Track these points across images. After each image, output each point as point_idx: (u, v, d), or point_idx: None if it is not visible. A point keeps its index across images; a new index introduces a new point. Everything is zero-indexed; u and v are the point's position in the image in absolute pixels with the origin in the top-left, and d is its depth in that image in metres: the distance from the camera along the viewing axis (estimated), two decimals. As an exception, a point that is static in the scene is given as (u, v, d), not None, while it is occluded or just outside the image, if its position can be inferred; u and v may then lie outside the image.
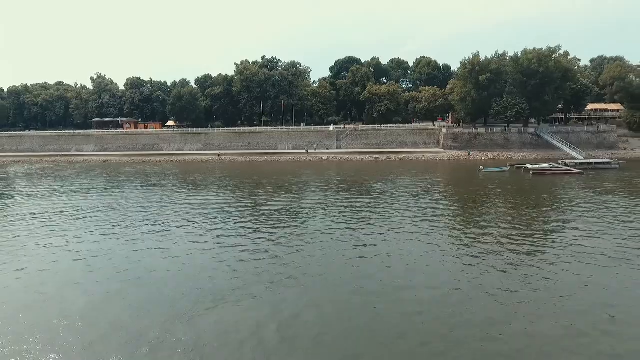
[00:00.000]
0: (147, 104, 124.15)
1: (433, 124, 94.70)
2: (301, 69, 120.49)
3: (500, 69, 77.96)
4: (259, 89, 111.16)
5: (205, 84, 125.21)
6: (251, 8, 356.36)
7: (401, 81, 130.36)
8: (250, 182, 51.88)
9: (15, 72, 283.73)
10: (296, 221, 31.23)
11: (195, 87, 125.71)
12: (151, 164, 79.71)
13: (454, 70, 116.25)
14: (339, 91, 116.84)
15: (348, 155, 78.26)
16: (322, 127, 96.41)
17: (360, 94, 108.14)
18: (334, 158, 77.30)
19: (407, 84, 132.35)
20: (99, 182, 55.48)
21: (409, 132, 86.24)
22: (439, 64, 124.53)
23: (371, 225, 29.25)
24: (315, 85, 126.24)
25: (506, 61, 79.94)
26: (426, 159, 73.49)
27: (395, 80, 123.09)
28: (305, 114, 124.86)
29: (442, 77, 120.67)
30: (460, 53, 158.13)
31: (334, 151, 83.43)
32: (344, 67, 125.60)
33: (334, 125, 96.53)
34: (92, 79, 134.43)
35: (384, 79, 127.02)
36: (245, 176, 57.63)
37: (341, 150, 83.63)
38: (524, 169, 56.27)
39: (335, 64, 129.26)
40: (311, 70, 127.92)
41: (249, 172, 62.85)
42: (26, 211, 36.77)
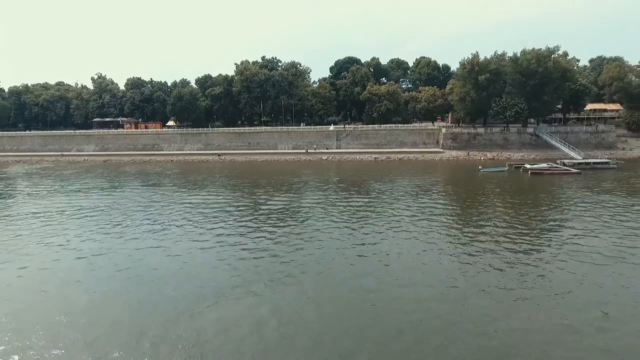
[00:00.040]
0: (148, 104, 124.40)
1: (432, 124, 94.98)
2: (301, 69, 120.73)
3: (499, 69, 78.16)
4: (259, 89, 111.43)
5: (206, 84, 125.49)
6: (251, 8, 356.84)
7: (401, 81, 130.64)
8: (250, 181, 52.14)
9: (16, 72, 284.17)
10: (296, 220, 31.50)
11: (196, 87, 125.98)
12: (151, 163, 79.98)
13: (453, 70, 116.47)
14: (339, 91, 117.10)
15: (348, 155, 78.51)
16: (322, 127, 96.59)
17: (360, 94, 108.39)
18: (333, 158, 77.54)
19: (406, 84, 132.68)
20: (99, 181, 55.75)
21: (409, 132, 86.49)
22: (438, 64, 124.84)
23: (370, 224, 29.52)
24: (315, 85, 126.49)
25: (505, 61, 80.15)
26: (425, 158, 73.76)
27: (395, 81, 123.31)
28: (305, 114, 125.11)
29: (441, 77, 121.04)
30: (460, 53, 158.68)
31: (334, 151, 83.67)
32: (343, 67, 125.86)
33: (333, 125, 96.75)
34: (92, 79, 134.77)
35: (383, 79, 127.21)
36: (245, 176, 57.89)
37: (341, 150, 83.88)
38: (522, 168, 56.55)
39: (335, 64, 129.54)
40: (311, 71, 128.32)
41: (249, 171, 63.12)
42: (27, 210, 37.05)
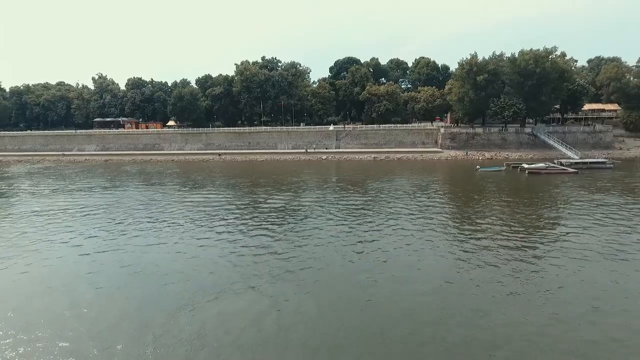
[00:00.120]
0: (148, 104, 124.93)
1: (431, 124, 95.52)
2: (301, 69, 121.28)
3: (497, 69, 78.72)
4: (259, 89, 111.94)
5: (206, 84, 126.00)
6: (251, 8, 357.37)
7: (400, 81, 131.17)
8: (250, 181, 52.64)
9: (16, 72, 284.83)
10: (295, 218, 32.00)
11: (196, 87, 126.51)
12: (152, 163, 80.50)
13: (452, 70, 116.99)
14: (338, 91, 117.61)
15: (347, 155, 79.03)
16: (322, 127, 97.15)
17: (359, 94, 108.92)
18: (333, 158, 78.04)
19: (406, 84, 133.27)
20: (101, 181, 56.28)
21: (408, 132, 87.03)
22: (437, 65, 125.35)
23: (368, 223, 30.03)
24: (315, 85, 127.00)
25: (503, 62, 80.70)
26: (424, 158, 74.27)
27: (394, 81, 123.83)
28: (305, 114, 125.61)
29: (440, 77, 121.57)
30: (460, 53, 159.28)
31: (333, 151, 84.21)
32: (343, 67, 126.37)
33: (333, 125, 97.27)
34: (93, 79, 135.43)
35: (383, 79, 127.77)
36: (245, 175, 58.38)
37: (340, 150, 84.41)
38: (519, 168, 57.05)
39: (334, 64, 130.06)
40: (311, 71, 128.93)
41: (249, 171, 63.61)
42: (30, 209, 37.55)
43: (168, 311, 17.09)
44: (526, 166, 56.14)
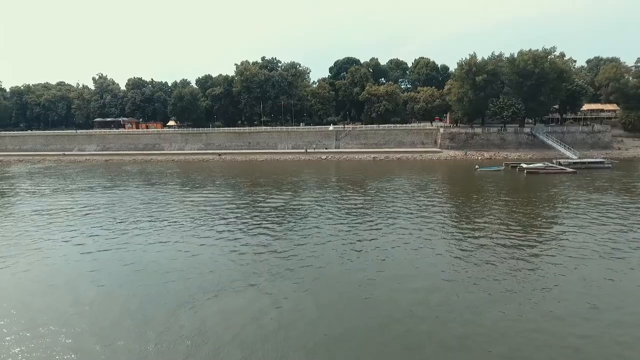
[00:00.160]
0: (148, 104, 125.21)
1: (431, 124, 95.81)
2: (301, 69, 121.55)
3: (496, 69, 78.99)
4: (259, 89, 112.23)
5: (206, 84, 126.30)
6: (251, 8, 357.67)
7: (400, 82, 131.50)
8: (250, 181, 52.89)
9: (16, 72, 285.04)
10: (295, 217, 32.27)
11: (196, 87, 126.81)
12: (152, 163, 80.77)
13: (452, 70, 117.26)
14: (338, 91, 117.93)
15: (347, 155, 79.31)
16: (321, 127, 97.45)
17: (359, 94, 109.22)
18: (332, 157, 78.31)
19: (405, 84, 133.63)
20: (101, 180, 56.53)
21: (407, 132, 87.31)
22: (437, 65, 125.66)
23: (367, 222, 30.28)
24: (315, 85, 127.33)
25: (502, 62, 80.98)
26: (423, 158, 74.54)
27: (394, 81, 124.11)
28: (305, 114, 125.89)
29: (440, 77, 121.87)
30: (460, 53, 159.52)
31: (333, 151, 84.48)
32: (343, 67, 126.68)
33: (333, 125, 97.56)
34: (93, 79, 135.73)
35: (382, 79, 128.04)
36: (246, 175, 58.64)
37: (340, 150, 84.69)
38: (518, 168, 57.33)
39: (334, 64, 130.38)
40: (310, 71, 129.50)
41: (249, 171, 63.87)
42: (32, 208, 37.80)
43: (169, 308, 17.32)
44: (525, 166, 56.42)
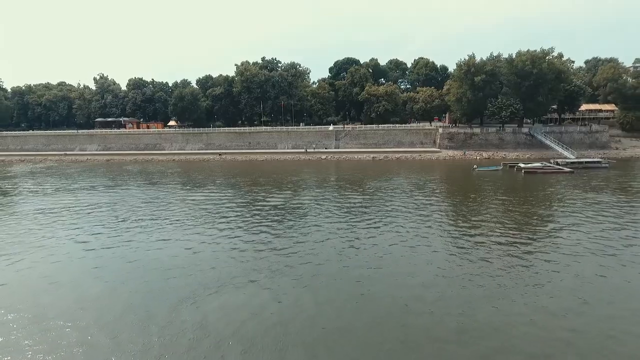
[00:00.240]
0: (149, 104, 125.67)
1: (430, 124, 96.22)
2: (300, 69, 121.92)
3: (495, 70, 79.42)
4: (259, 89, 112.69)
5: (206, 84, 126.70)
6: (251, 8, 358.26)
7: (399, 82, 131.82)
8: (251, 180, 53.36)
9: (17, 72, 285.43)
10: (294, 216, 32.75)
11: (197, 87, 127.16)
12: (153, 163, 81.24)
13: (451, 71, 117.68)
14: (338, 92, 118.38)
15: (346, 155, 79.75)
16: (321, 127, 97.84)
17: (358, 94, 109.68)
18: (332, 157, 78.76)
19: (405, 84, 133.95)
20: (103, 180, 57.03)
21: (406, 132, 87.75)
22: (436, 65, 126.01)
23: (366, 220, 30.75)
24: (315, 85, 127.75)
25: (501, 63, 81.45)
26: (422, 158, 75.00)
27: (394, 81, 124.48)
28: (305, 114, 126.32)
29: (439, 77, 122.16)
30: (460, 53, 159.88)
31: (333, 151, 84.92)
32: (342, 67, 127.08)
33: (332, 125, 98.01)
34: (94, 79, 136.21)
35: (382, 79, 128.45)
36: (246, 175, 59.10)
37: (339, 150, 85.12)
38: (516, 167, 57.77)
39: (334, 64, 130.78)
40: (310, 71, 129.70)
41: (250, 170, 64.35)
42: (35, 207, 38.28)
43: (171, 304, 17.78)
44: (522, 166, 56.87)
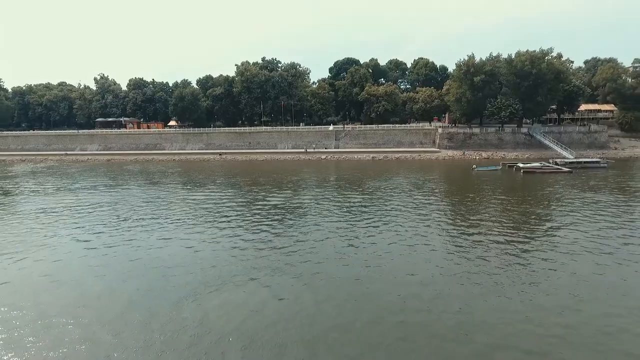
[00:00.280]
0: (150, 104, 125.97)
1: (430, 124, 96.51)
2: (300, 70, 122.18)
3: (494, 70, 79.73)
4: (259, 89, 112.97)
5: (207, 84, 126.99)
6: (251, 8, 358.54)
7: (399, 82, 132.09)
8: (251, 180, 53.61)
9: (18, 73, 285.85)
10: (294, 215, 32.99)
11: (197, 87, 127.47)
12: (154, 162, 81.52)
13: (450, 71, 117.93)
14: (338, 92, 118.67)
15: (346, 155, 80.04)
16: (321, 127, 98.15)
17: (358, 94, 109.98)
18: (332, 157, 79.03)
19: (404, 84, 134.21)
20: (104, 179, 57.31)
21: (406, 132, 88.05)
22: (436, 65, 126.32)
23: (366, 219, 30.99)
24: (315, 86, 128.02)
25: (500, 63, 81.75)
26: (422, 158, 75.27)
27: (393, 81, 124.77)
28: (305, 114, 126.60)
29: (439, 78, 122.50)
30: (460, 53, 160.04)
31: (333, 150, 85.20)
32: (342, 68, 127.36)
33: (332, 125, 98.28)
34: (95, 79, 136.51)
35: (382, 79, 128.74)
36: (246, 174, 59.35)
37: (339, 150, 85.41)
38: (515, 167, 58.05)
39: (334, 64, 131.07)
40: (310, 71, 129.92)
41: (250, 170, 64.60)
42: (37, 206, 38.52)
43: (172, 302, 18.00)
44: (521, 165, 57.15)
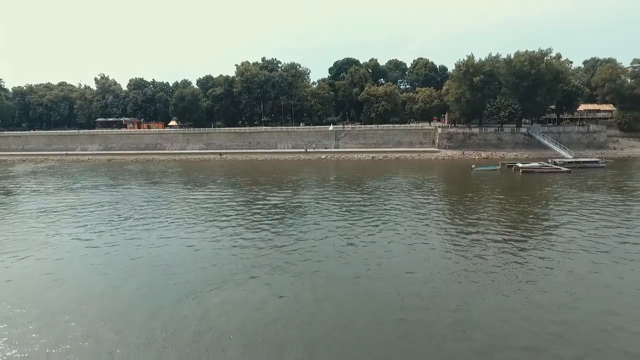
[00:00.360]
0: (150, 104, 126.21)
1: (429, 124, 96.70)
2: (300, 70, 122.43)
3: (493, 70, 79.98)
4: (259, 89, 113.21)
5: (207, 84, 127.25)
6: (251, 8, 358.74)
7: (399, 82, 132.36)
8: (251, 179, 53.82)
9: (18, 73, 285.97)
10: (294, 214, 33.21)
11: (197, 87, 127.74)
12: (154, 162, 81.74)
13: (450, 71, 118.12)
14: (338, 92, 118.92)
15: (346, 155, 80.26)
16: (321, 127, 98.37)
17: (358, 94, 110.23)
18: (332, 157, 79.24)
19: (404, 84, 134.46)
20: (105, 179, 57.54)
21: (405, 132, 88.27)
22: (435, 65, 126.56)
23: (365, 218, 31.21)
24: (315, 86, 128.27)
25: (499, 63, 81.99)
26: (421, 158, 75.49)
27: (393, 81, 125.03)
28: (305, 114, 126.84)
29: (438, 78, 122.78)
30: (460, 53, 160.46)
31: (333, 150, 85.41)
32: (342, 68, 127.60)
33: (332, 125, 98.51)
34: (95, 79, 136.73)
35: (382, 79, 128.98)
36: (246, 174, 59.56)
37: (339, 150, 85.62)
38: (514, 167, 58.29)
39: (334, 65, 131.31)
40: (310, 71, 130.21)
41: (250, 170, 64.82)
42: (38, 206, 38.73)
43: (173, 300, 18.21)
44: (520, 165, 57.37)
